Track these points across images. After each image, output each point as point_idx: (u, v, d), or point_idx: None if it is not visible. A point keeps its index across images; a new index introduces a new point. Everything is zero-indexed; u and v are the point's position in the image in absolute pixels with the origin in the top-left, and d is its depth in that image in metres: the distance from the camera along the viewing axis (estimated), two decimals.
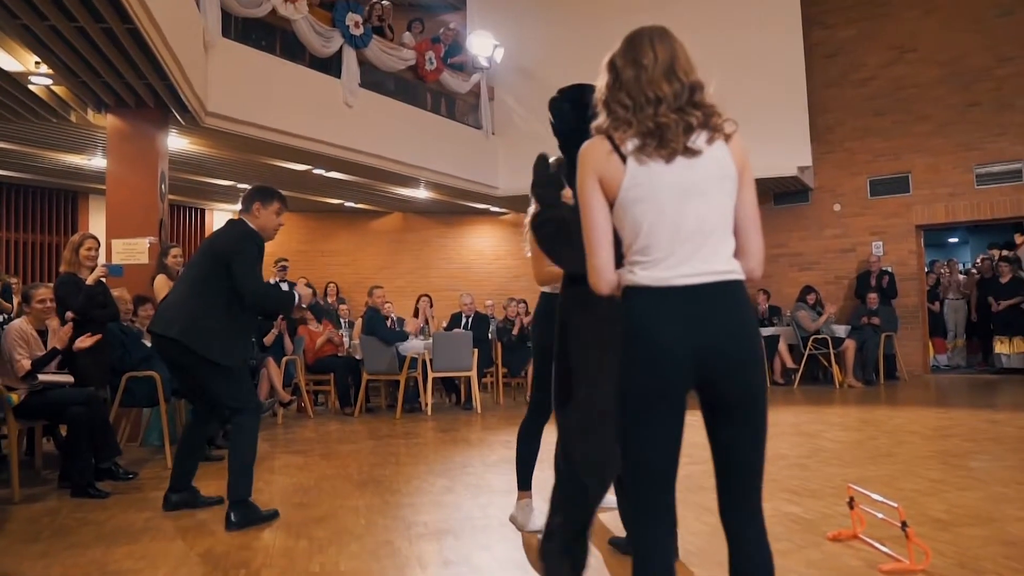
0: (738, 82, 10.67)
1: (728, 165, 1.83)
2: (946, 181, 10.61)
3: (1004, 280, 10.50)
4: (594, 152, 1.85)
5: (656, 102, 1.81)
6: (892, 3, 11.07)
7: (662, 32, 1.91)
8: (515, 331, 9.45)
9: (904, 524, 3.02)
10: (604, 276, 1.85)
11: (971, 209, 10.48)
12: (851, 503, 3.40)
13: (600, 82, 1.91)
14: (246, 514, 3.83)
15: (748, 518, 1.89)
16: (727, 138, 1.84)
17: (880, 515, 3.34)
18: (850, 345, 9.79)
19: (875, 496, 3.33)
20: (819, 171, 11.40)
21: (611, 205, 1.84)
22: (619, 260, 1.86)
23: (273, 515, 3.95)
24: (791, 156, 10.58)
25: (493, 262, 13.18)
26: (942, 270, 12.10)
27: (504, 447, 6.10)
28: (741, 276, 1.83)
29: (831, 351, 9.75)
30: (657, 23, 2.01)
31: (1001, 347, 10.48)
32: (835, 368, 9.82)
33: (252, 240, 3.95)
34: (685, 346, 1.76)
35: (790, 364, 10.16)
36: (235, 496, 3.84)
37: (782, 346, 10.13)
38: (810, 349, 9.88)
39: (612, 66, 1.90)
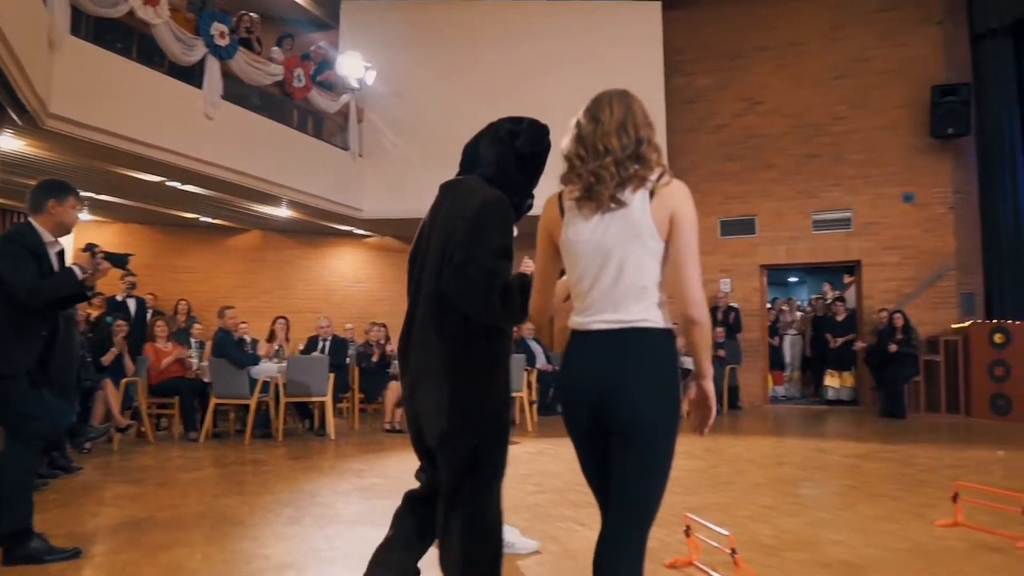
0: None
1: (645, 221, 1.97)
2: (788, 225, 11.41)
3: (840, 318, 11.35)
4: (546, 208, 2.17)
5: (604, 153, 2.00)
6: (745, 58, 11.86)
7: (622, 93, 2.12)
8: (375, 357, 9.31)
9: (733, 551, 3.18)
10: (533, 311, 2.28)
11: (809, 252, 11.33)
12: (687, 531, 3.55)
13: (566, 138, 2.12)
14: (23, 548, 3.52)
15: (617, 552, 1.99)
16: (652, 193, 1.98)
17: (714, 543, 3.50)
18: None
19: (709, 524, 3.49)
20: None
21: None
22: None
23: (71, 554, 3.63)
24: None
25: (355, 285, 12.96)
26: (782, 307, 12.95)
27: (356, 476, 5.97)
28: (654, 324, 1.99)
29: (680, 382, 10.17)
30: (526, 58, 2.12)
31: (831, 380, 11.33)
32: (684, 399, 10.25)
33: (10, 241, 3.72)
34: (590, 382, 2.00)
35: None
36: (6, 528, 3.52)
37: None
38: None
39: (577, 123, 2.11)
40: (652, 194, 1.98)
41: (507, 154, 2.77)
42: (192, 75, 8.46)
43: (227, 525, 4.35)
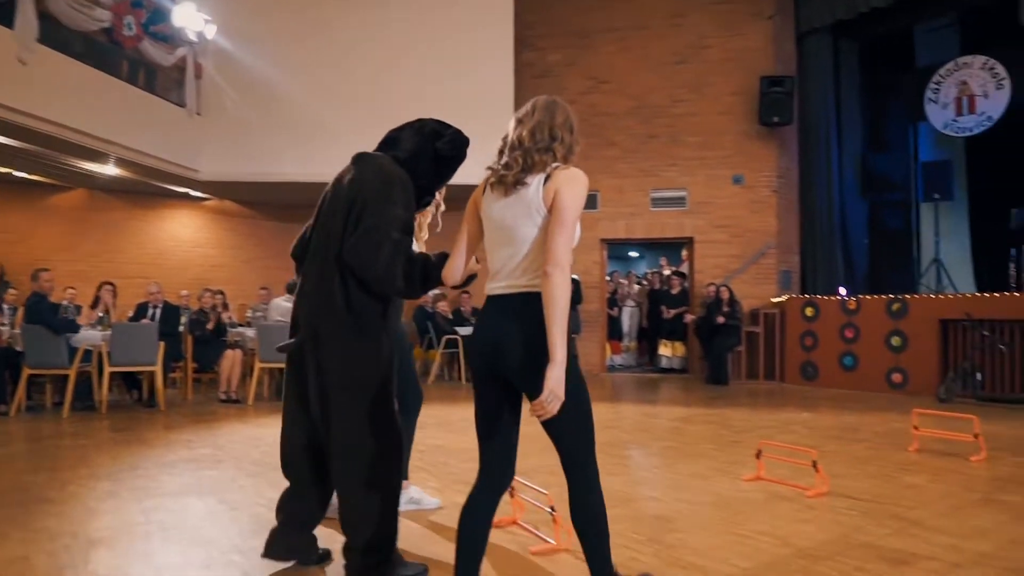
0: (448, 93, 11.09)
1: (536, 201, 2.31)
2: (628, 201, 11.89)
3: (675, 291, 11.99)
4: (478, 188, 2.52)
5: (518, 147, 2.37)
6: (593, 37, 12.18)
7: (551, 101, 2.49)
8: (211, 324, 8.93)
9: (552, 509, 3.34)
10: (445, 274, 2.63)
11: (646, 228, 11.86)
12: (511, 492, 3.68)
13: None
14: None
15: (570, 475, 2.45)
16: (547, 178, 2.31)
17: (538, 503, 3.65)
18: None
19: (532, 485, 3.63)
20: None
21: None
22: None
23: None
24: None
25: (192, 250, 12.34)
26: (621, 280, 13.53)
27: (185, 447, 5.75)
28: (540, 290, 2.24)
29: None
30: (374, 22, 2.17)
31: (664, 350, 11.99)
32: None
33: None
34: (488, 339, 2.34)
35: None
36: None
37: None
38: None
39: (515, 122, 2.46)
40: (547, 178, 2.31)
41: (426, 148, 3.01)
42: (2, 14, 7.71)
43: (32, 502, 4.08)
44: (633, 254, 19.46)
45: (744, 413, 7.66)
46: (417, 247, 3.46)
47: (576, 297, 11.32)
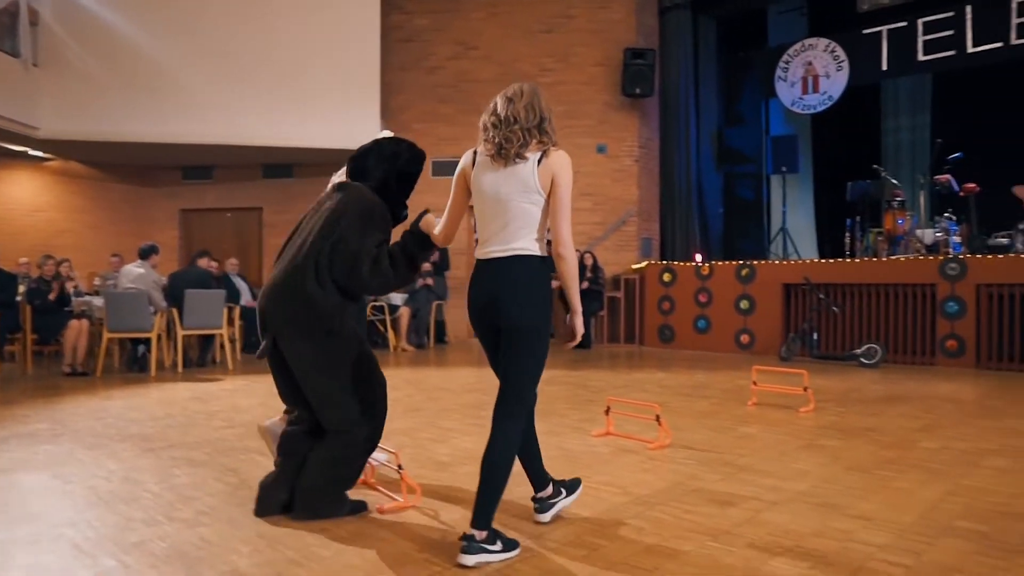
0: (310, 54, 10.77)
1: (532, 180, 2.69)
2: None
3: None
4: (464, 159, 2.88)
5: (514, 122, 2.71)
6: (462, 2, 12.10)
7: (532, 85, 2.86)
8: (53, 294, 8.37)
9: (399, 467, 3.37)
10: (441, 238, 3.08)
11: None
12: None
13: (484, 115, 2.81)
14: None
15: (499, 416, 2.78)
16: (540, 160, 2.69)
17: (388, 464, 3.68)
18: (405, 312, 10.56)
19: (384, 446, 3.65)
20: None
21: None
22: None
23: None
24: (362, 132, 10.98)
25: (32, 214, 11.49)
26: None
27: (19, 422, 5.40)
28: (530, 253, 2.71)
29: (387, 317, 10.42)
30: None
31: None
32: (391, 333, 10.52)
33: None
34: (483, 296, 2.76)
35: None
36: None
37: None
38: (368, 315, 10.43)
39: (494, 103, 2.81)
40: (542, 159, 2.69)
41: (391, 171, 3.42)
42: None
43: None
44: None
45: (603, 374, 7.96)
46: None
47: (443, 263, 11.37)
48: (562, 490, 3.19)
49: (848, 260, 9.27)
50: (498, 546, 2.69)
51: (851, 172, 10.81)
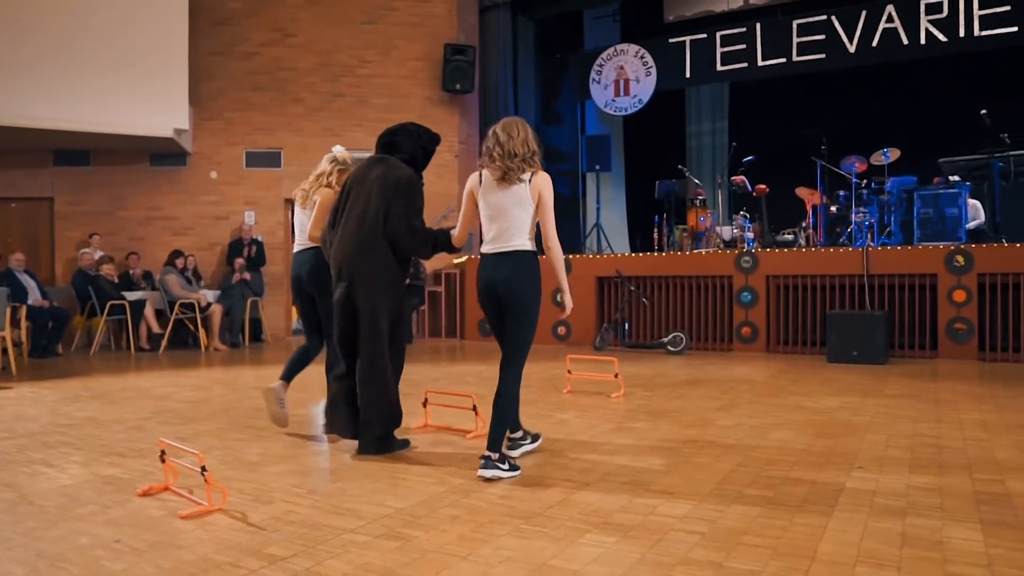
0: (115, 33, 9.96)
1: (525, 196, 3.66)
2: (313, 161, 11.33)
3: None
4: (472, 178, 3.83)
5: (514, 156, 3.63)
6: None
7: (521, 121, 3.78)
8: None
9: (203, 469, 3.17)
10: (456, 239, 4.10)
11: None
12: (162, 457, 3.44)
13: (488, 140, 3.73)
14: None
15: (504, 367, 3.74)
16: (530, 181, 3.65)
17: (192, 467, 3.45)
18: (217, 309, 10.01)
19: (182, 446, 3.42)
20: (198, 136, 11.37)
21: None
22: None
23: None
24: (168, 117, 10.33)
25: None
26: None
27: None
28: (524, 248, 3.68)
29: (198, 316, 9.84)
30: None
31: None
32: (202, 332, 9.95)
33: None
34: (490, 279, 3.70)
35: (156, 329, 9.92)
36: None
37: (148, 311, 9.82)
38: (177, 314, 9.80)
39: (494, 132, 3.72)
40: (531, 179, 3.66)
41: (418, 147, 4.31)
42: None
43: None
44: None
45: (423, 368, 7.94)
46: None
47: (259, 258, 10.91)
48: (528, 437, 4.15)
49: (656, 254, 9.82)
50: (506, 466, 3.61)
51: (659, 172, 11.47)
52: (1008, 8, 9.80)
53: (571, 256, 10.42)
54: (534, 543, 2.74)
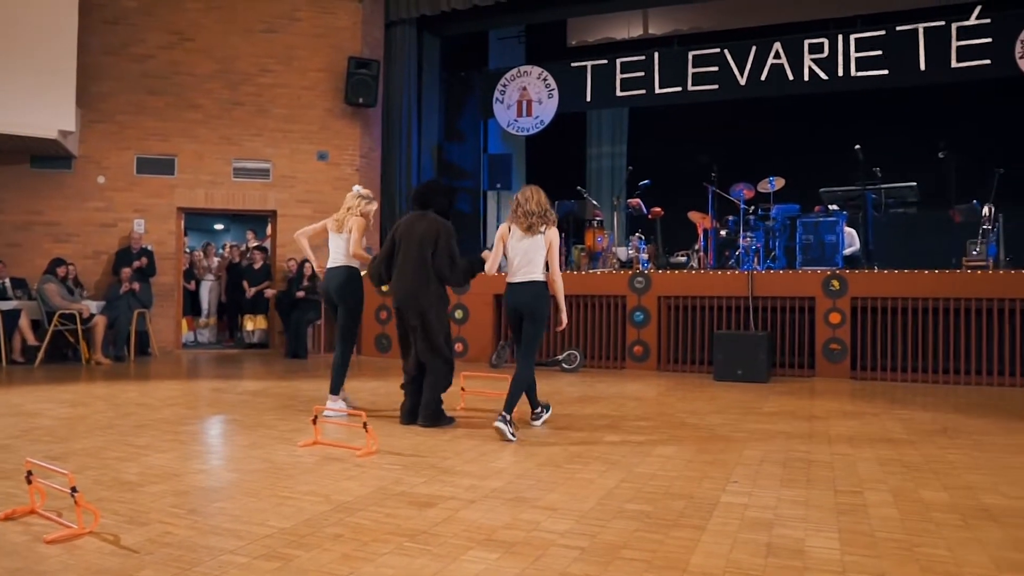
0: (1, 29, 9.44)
1: (541, 243, 5.11)
2: (208, 169, 11.29)
3: (257, 266, 11.70)
4: (502, 228, 5.31)
5: (533, 215, 5.09)
6: None
7: (538, 188, 5.22)
8: None
9: (74, 490, 3.04)
10: (487, 270, 5.44)
11: (228, 198, 11.38)
12: (28, 477, 3.27)
13: (513, 203, 5.24)
14: None
15: (520, 358, 5.28)
16: (545, 232, 5.11)
17: (62, 488, 3.30)
18: (100, 321, 9.56)
19: (52, 466, 3.27)
20: (85, 139, 10.86)
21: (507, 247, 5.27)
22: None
23: None
24: (53, 118, 9.84)
25: None
26: (197, 253, 12.80)
27: None
28: (540, 279, 5.15)
29: (79, 327, 9.37)
30: None
31: (249, 324, 11.67)
32: (83, 345, 9.47)
33: None
34: (515, 303, 5.20)
35: (32, 341, 9.38)
36: None
37: (23, 322, 9.29)
38: (56, 325, 9.31)
39: (516, 198, 5.21)
40: (545, 230, 5.10)
41: (445, 202, 5.61)
42: None
43: None
44: (219, 226, 18.58)
45: (316, 384, 7.81)
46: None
47: (150, 268, 10.50)
48: (542, 409, 5.68)
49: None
50: (514, 427, 4.99)
51: (559, 192, 11.66)
52: (880, 52, 10.54)
53: None
54: (416, 561, 2.76)
